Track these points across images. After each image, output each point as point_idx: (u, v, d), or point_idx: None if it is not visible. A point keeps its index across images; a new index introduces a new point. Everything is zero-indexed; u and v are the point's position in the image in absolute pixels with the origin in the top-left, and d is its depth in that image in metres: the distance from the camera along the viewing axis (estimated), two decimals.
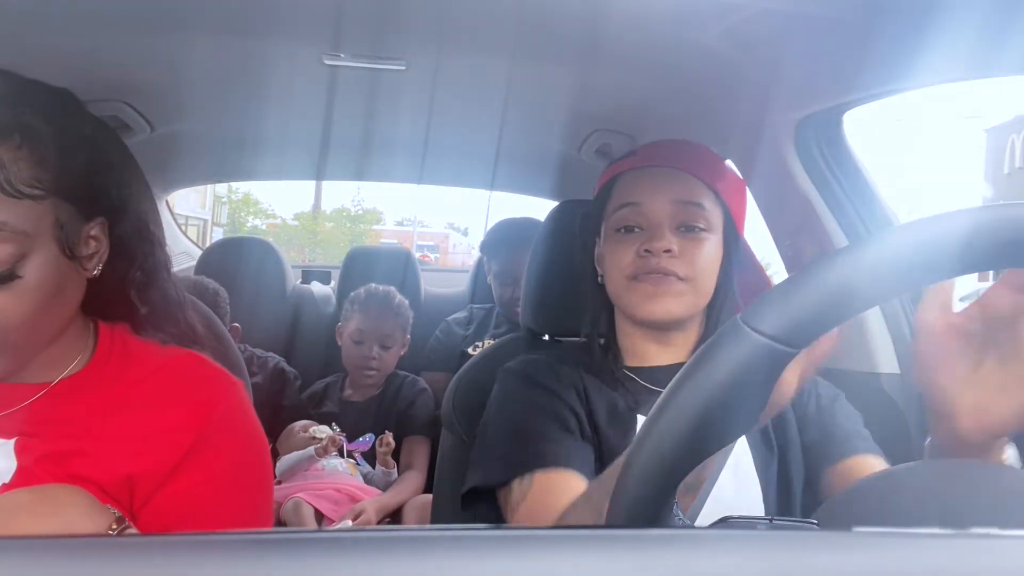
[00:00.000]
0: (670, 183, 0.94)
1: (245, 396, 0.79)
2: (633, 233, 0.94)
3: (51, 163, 0.66)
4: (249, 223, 21.07)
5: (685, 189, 0.94)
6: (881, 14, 0.97)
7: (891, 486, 0.45)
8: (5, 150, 0.63)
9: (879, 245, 0.41)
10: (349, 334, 2.03)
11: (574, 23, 1.16)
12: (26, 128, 0.65)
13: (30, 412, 0.70)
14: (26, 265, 0.64)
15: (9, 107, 0.65)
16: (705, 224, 0.93)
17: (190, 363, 0.77)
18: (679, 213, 0.93)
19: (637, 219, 0.94)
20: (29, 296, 0.65)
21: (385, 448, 1.86)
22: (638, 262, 0.92)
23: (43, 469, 0.67)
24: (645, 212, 0.93)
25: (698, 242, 0.93)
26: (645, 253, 0.91)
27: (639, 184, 0.96)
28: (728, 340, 0.41)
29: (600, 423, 0.92)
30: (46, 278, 0.66)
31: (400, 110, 1.72)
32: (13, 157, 0.63)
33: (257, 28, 1.23)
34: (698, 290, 0.93)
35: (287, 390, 2.09)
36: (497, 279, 2.19)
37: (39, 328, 0.69)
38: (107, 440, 0.70)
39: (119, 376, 0.75)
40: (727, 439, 0.44)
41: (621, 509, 0.45)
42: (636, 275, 0.92)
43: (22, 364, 0.70)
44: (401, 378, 2.08)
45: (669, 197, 0.93)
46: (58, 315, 0.71)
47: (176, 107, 1.69)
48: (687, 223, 0.93)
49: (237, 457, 0.76)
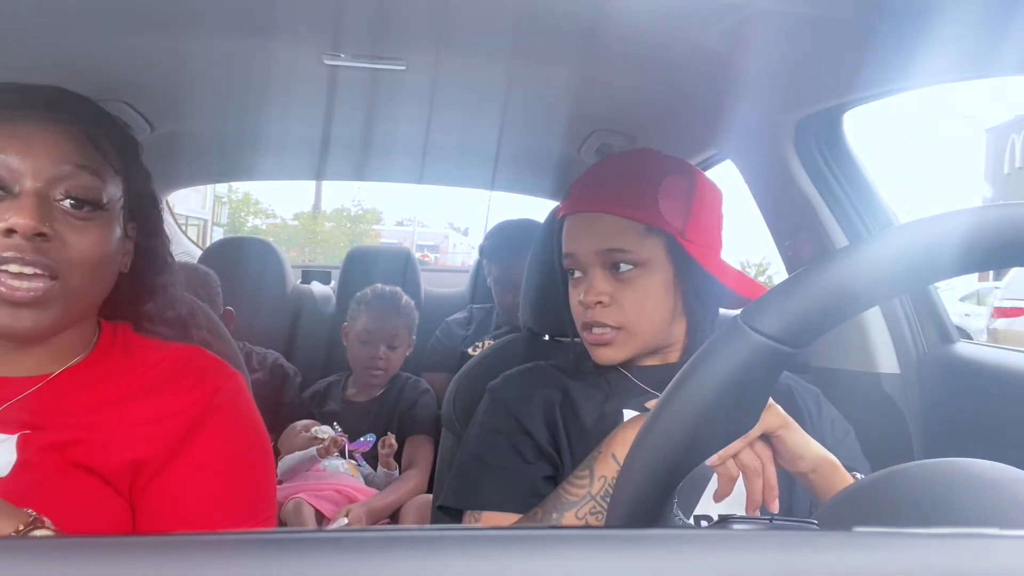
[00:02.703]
0: (594, 230, 0.94)
1: (244, 385, 0.80)
2: (576, 279, 0.98)
3: (123, 156, 0.77)
4: (249, 223, 21.06)
5: (608, 234, 0.93)
6: (881, 14, 0.97)
7: (891, 486, 0.45)
8: (103, 133, 0.74)
9: (879, 245, 0.41)
10: (356, 334, 2.03)
11: (574, 23, 1.16)
12: (110, 120, 0.77)
13: (31, 404, 0.71)
14: (108, 212, 0.73)
15: (91, 104, 0.77)
16: (636, 261, 0.93)
17: (190, 354, 0.79)
18: (606, 259, 0.94)
19: (575, 266, 0.97)
20: (105, 240, 0.72)
21: (387, 450, 1.86)
22: (580, 312, 0.96)
23: (43, 461, 0.68)
24: (579, 261, 0.96)
25: (629, 283, 0.93)
26: (584, 304, 0.95)
27: (571, 232, 0.97)
28: (728, 340, 0.41)
29: (586, 423, 0.94)
30: (113, 235, 0.73)
31: (400, 110, 1.72)
32: (105, 136, 0.75)
33: (257, 28, 1.23)
34: (637, 332, 0.94)
35: (287, 386, 2.10)
36: (497, 284, 2.18)
37: (91, 288, 0.73)
38: (108, 429, 0.71)
39: (120, 368, 0.76)
40: (727, 439, 0.44)
41: (621, 509, 0.45)
42: (586, 326, 0.96)
43: (58, 326, 0.71)
44: (404, 379, 2.08)
45: (593, 246, 0.94)
46: (101, 287, 0.74)
47: (176, 107, 1.69)
48: (616, 264, 0.94)
49: (238, 440, 0.77)
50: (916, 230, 0.40)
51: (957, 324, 1.51)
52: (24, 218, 0.65)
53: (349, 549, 0.27)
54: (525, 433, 0.93)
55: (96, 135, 0.73)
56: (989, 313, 8.43)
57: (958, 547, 0.29)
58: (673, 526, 0.51)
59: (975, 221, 0.40)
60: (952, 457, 0.45)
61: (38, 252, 0.66)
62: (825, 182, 1.41)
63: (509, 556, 0.27)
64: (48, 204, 0.68)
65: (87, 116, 0.74)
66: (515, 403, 0.96)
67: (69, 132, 0.71)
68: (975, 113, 32.40)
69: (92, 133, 0.73)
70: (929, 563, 0.27)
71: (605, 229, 0.94)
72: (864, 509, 0.45)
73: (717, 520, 0.55)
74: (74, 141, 0.71)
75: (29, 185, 0.67)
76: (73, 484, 0.68)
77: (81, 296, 0.71)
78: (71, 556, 0.26)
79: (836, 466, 0.77)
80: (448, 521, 0.96)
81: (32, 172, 0.68)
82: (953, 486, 0.43)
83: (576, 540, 0.28)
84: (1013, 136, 20.46)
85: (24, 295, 0.66)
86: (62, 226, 0.69)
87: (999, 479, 0.43)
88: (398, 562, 0.26)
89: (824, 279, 0.40)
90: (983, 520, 0.40)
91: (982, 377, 1.26)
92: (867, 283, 0.40)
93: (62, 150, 0.69)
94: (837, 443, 0.92)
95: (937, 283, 1.42)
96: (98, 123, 0.75)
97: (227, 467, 0.74)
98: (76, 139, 0.71)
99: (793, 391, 0.99)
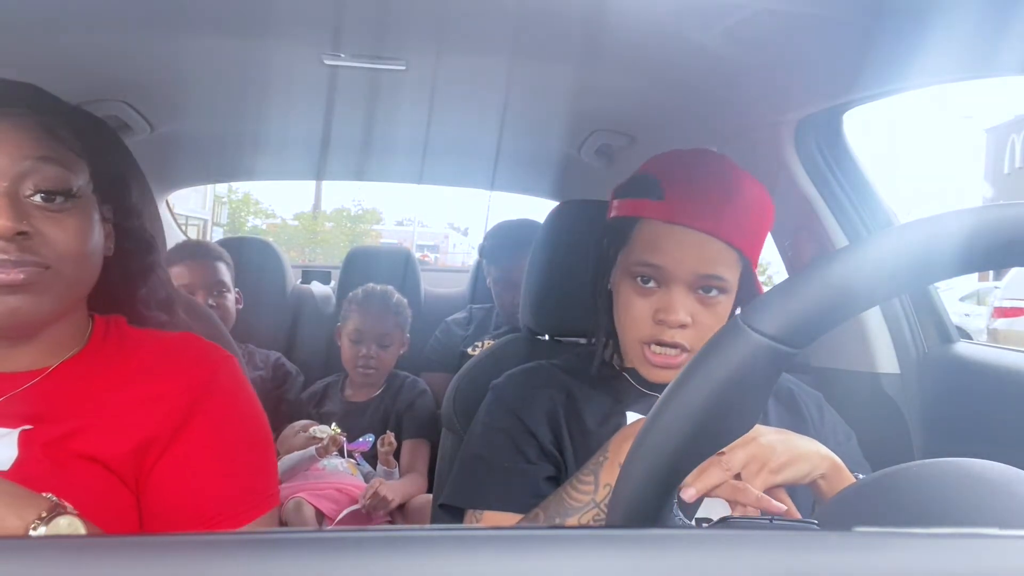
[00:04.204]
0: (698, 250, 0.87)
1: (239, 367, 0.80)
2: (649, 288, 0.90)
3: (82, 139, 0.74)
4: (249, 223, 21.06)
5: (713, 260, 0.88)
6: (881, 14, 0.97)
7: (891, 486, 0.45)
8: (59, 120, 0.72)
9: (879, 245, 0.41)
10: (347, 334, 2.03)
11: (574, 23, 1.16)
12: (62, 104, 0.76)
13: (30, 397, 0.71)
14: (80, 199, 0.72)
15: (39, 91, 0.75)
16: (724, 287, 0.89)
17: (184, 339, 0.80)
18: (699, 282, 0.89)
19: (656, 276, 0.90)
20: (87, 227, 0.71)
21: (387, 448, 1.86)
22: (653, 329, 0.90)
23: (45, 454, 0.68)
24: (666, 276, 0.89)
25: (711, 308, 0.90)
26: (659, 321, 0.89)
27: (663, 244, 0.88)
28: (728, 340, 0.41)
29: (589, 425, 0.93)
30: (92, 221, 0.72)
31: (400, 110, 1.72)
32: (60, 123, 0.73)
33: (257, 28, 1.23)
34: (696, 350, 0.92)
35: (288, 384, 2.11)
36: (497, 284, 2.18)
37: (82, 276, 0.72)
38: (109, 415, 0.71)
39: (115, 357, 0.76)
40: (727, 439, 0.44)
41: (621, 509, 0.45)
42: (647, 341, 0.90)
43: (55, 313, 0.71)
44: (402, 378, 2.08)
45: (696, 270, 0.87)
46: (90, 274, 0.74)
47: (176, 107, 1.69)
48: (706, 288, 0.89)
49: (238, 418, 0.77)
50: (916, 230, 0.40)
51: (957, 324, 1.51)
52: (1, 219, 0.64)
53: (349, 549, 0.27)
54: (528, 433, 0.93)
55: (51, 123, 0.71)
56: (989, 313, 8.43)
57: (958, 547, 0.29)
58: (673, 526, 0.51)
59: (975, 221, 0.40)
60: (952, 457, 0.45)
61: (23, 251, 0.66)
62: (825, 182, 1.41)
63: (509, 556, 0.27)
64: (19, 202, 0.67)
65: (38, 106, 0.72)
66: (518, 402, 0.96)
67: (24, 125, 0.69)
68: (975, 113, 32.43)
69: (46, 122, 0.71)
70: (929, 563, 0.27)
71: (711, 254, 0.87)
72: (864, 509, 0.45)
73: (717, 520, 0.55)
74: (30, 134, 0.69)
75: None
76: (77, 475, 0.68)
77: (73, 284, 0.71)
78: (71, 556, 0.26)
79: (840, 467, 0.78)
80: (449, 520, 0.96)
81: None
82: (953, 486, 0.43)
83: (576, 540, 0.28)
84: (1013, 136, 20.47)
85: (16, 278, 0.65)
86: (39, 221, 0.68)
87: (999, 479, 0.43)
88: (398, 562, 0.26)
89: (824, 279, 0.40)
90: (983, 520, 0.40)
91: (982, 377, 1.26)
92: (867, 283, 0.40)
93: (20, 146, 0.68)
94: (839, 447, 0.92)
95: (937, 283, 1.42)
96: (51, 110, 0.73)
97: (229, 443, 0.75)
98: (32, 132, 0.69)
99: (795, 395, 0.98)
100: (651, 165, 0.96)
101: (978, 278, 10.59)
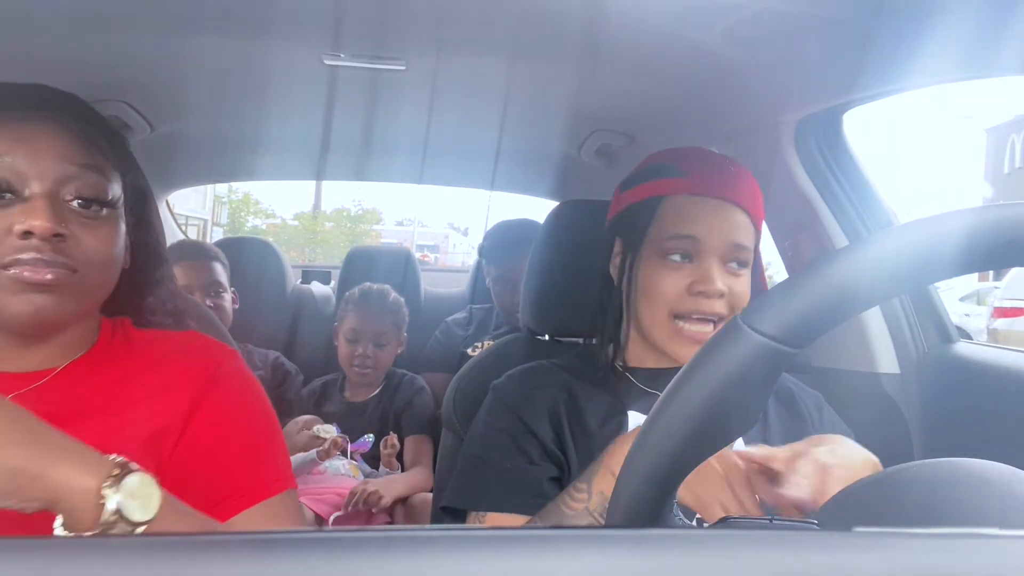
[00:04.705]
0: (730, 222, 0.91)
1: (243, 361, 0.83)
2: (681, 263, 0.91)
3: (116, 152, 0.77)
4: (249, 223, 21.07)
5: (742, 229, 0.92)
6: (881, 14, 0.97)
7: (891, 486, 0.45)
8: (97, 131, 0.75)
9: (879, 245, 0.41)
10: (344, 333, 2.03)
11: (574, 23, 1.16)
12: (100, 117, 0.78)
13: (42, 395, 0.72)
14: (114, 208, 0.74)
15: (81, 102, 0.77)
16: (746, 260, 0.93)
17: (189, 336, 0.83)
18: (732, 253, 0.91)
19: (688, 250, 0.91)
20: (116, 237, 0.74)
21: (390, 450, 1.86)
22: (688, 301, 0.90)
23: None
24: (702, 248, 0.90)
25: (742, 280, 0.92)
26: (697, 293, 0.89)
27: (696, 216, 0.91)
28: (728, 340, 0.41)
29: (591, 425, 0.93)
30: (120, 231, 0.75)
31: (400, 110, 1.72)
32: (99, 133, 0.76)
33: (257, 28, 1.23)
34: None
35: (287, 384, 2.12)
36: (497, 284, 2.18)
37: (104, 283, 0.74)
38: (117, 411, 0.72)
39: (122, 355, 0.78)
40: (727, 439, 0.44)
41: (621, 509, 0.45)
42: (683, 315, 0.90)
43: (74, 316, 0.73)
44: (399, 376, 2.08)
45: (728, 238, 0.90)
46: (110, 283, 0.76)
47: (176, 107, 1.69)
48: (738, 261, 0.92)
49: (246, 405, 0.79)
50: (916, 230, 0.40)
51: (957, 324, 1.51)
52: (40, 220, 0.67)
53: (349, 549, 0.27)
54: (530, 433, 0.92)
55: (91, 133, 0.74)
56: (989, 313, 8.44)
57: (958, 547, 0.29)
58: (673, 526, 0.51)
59: (975, 221, 0.40)
60: (952, 457, 0.45)
61: (56, 252, 0.68)
62: (825, 182, 1.41)
63: (509, 556, 0.27)
64: (60, 205, 0.69)
65: (81, 114, 0.75)
66: (519, 402, 0.95)
67: (70, 132, 0.72)
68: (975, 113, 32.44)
69: (88, 131, 0.73)
70: (929, 563, 0.27)
71: (736, 221, 0.91)
72: (864, 509, 0.45)
73: (717, 520, 0.55)
74: (76, 141, 0.71)
75: (38, 187, 0.68)
76: None
77: (95, 290, 0.74)
78: (72, 556, 0.26)
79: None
80: (451, 522, 0.95)
81: (39, 174, 0.69)
82: (953, 486, 0.43)
83: (576, 540, 0.28)
84: (1013, 136, 20.48)
85: (44, 278, 0.67)
86: (75, 226, 0.70)
87: (999, 479, 0.43)
88: (398, 562, 0.26)
89: (824, 279, 0.40)
90: (983, 520, 0.40)
91: (982, 377, 1.26)
92: (867, 283, 0.40)
93: (66, 151, 0.70)
94: None
95: (937, 283, 1.42)
96: (91, 120, 0.76)
97: (240, 426, 0.77)
98: (77, 139, 0.72)
99: (795, 395, 0.98)
100: (654, 157, 0.99)
101: (978, 278, 10.59)
